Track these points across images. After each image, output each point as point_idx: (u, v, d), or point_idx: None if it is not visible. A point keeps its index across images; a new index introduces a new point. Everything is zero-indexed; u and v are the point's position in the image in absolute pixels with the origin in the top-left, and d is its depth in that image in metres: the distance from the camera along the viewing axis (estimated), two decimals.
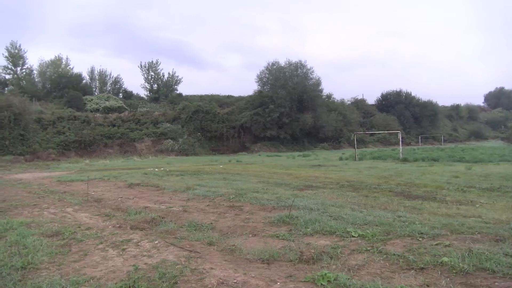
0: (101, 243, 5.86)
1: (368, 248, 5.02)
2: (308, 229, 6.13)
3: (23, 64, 51.37)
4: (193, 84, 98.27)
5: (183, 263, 4.75)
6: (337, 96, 68.32)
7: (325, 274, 4.09)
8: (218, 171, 18.68)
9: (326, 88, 56.34)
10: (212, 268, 4.54)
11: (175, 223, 7.07)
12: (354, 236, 5.64)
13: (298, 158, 31.18)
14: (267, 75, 52.17)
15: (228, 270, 4.48)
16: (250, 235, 6.14)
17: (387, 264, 4.47)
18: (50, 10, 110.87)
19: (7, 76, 50.60)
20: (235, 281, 4.14)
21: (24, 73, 51.77)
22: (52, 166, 27.91)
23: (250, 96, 52.95)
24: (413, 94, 75.12)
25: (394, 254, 4.69)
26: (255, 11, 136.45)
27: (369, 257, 4.72)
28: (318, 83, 53.30)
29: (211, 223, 7.04)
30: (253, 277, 4.27)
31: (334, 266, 4.46)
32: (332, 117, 52.87)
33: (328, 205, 8.13)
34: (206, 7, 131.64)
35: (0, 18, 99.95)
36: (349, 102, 68.58)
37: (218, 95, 60.22)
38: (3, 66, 50.08)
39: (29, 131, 35.50)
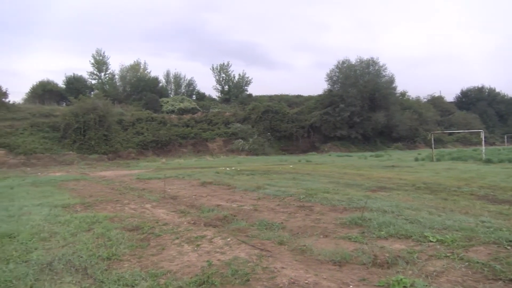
0: (177, 238, 6.13)
1: (448, 254, 4.73)
2: (382, 232, 5.92)
3: (106, 70, 55.45)
4: (262, 84, 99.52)
5: (254, 261, 4.82)
6: (412, 93, 65.14)
7: (401, 279, 3.93)
8: (288, 171, 18.69)
9: (400, 85, 54.02)
10: (283, 268, 4.56)
11: (246, 222, 7.19)
12: (432, 241, 5.35)
13: (370, 158, 30.23)
14: (337, 73, 51.21)
15: (299, 270, 4.47)
16: (321, 236, 6.07)
17: (470, 272, 4.18)
18: (130, 18, 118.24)
19: (93, 81, 54.95)
20: (307, 281, 4.12)
21: (107, 78, 55.78)
22: (132, 165, 29.75)
23: (319, 96, 52.33)
24: (497, 90, 69.48)
25: (477, 262, 4.38)
26: (324, 8, 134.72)
27: (449, 264, 4.45)
28: (391, 80, 51.30)
29: (282, 222, 7.06)
30: (325, 278, 4.21)
31: (410, 272, 4.27)
32: (407, 115, 50.58)
33: (403, 208, 7.79)
34: (275, 7, 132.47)
35: (89, 29, 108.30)
36: (425, 100, 65.14)
37: (287, 95, 60.25)
38: (90, 72, 54.47)
39: (111, 132, 38.10)
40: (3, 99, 40.04)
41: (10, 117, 37.69)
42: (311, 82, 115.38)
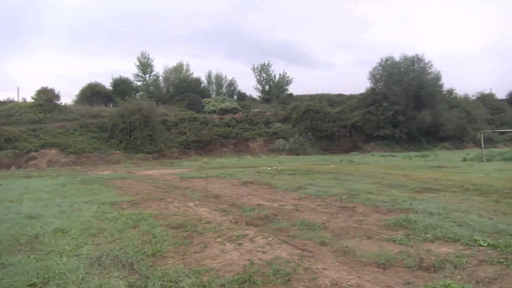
0: (219, 236, 6.22)
1: (501, 260, 4.50)
2: (428, 235, 5.72)
3: (150, 72, 56.98)
4: (303, 83, 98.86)
5: (296, 261, 4.80)
6: (460, 91, 62.33)
7: (449, 284, 3.78)
8: (329, 170, 18.46)
9: (447, 82, 51.82)
10: (325, 269, 4.51)
11: (287, 221, 7.18)
12: (483, 246, 5.10)
13: (415, 158, 29.28)
14: (380, 71, 49.94)
15: (342, 272, 4.41)
16: (364, 238, 5.96)
17: None
18: (173, 20, 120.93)
19: (138, 83, 56.69)
20: (349, 283, 4.06)
21: (152, 79, 57.31)
22: (175, 164, 30.48)
23: (362, 94, 51.25)
24: None
25: None
26: (366, 5, 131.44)
27: (502, 270, 4.23)
28: (437, 77, 49.36)
29: (323, 223, 6.99)
30: (368, 281, 4.13)
31: (459, 277, 4.10)
32: (454, 114, 48.53)
33: (451, 210, 7.49)
34: (316, 5, 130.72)
35: (134, 32, 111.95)
36: (474, 98, 62.16)
37: (328, 94, 59.44)
38: (135, 74, 56.29)
39: (156, 132, 39.16)
40: (56, 101, 42.14)
41: (62, 118, 39.64)
42: (353, 81, 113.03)
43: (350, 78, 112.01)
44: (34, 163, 30.96)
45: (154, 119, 39.57)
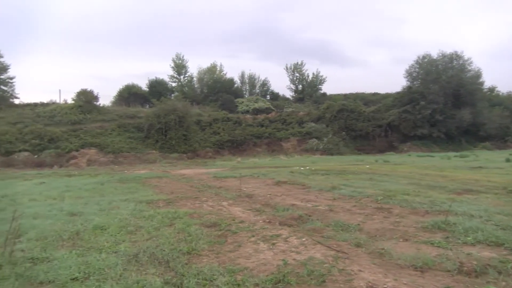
0: (253, 236, 6.24)
1: None
2: (469, 238, 5.52)
3: (185, 73, 57.85)
4: (337, 82, 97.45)
5: (330, 262, 4.76)
6: (503, 88, 59.69)
7: None
8: (364, 171, 18.14)
9: (488, 80, 49.60)
10: (360, 271, 4.45)
11: (321, 222, 7.12)
12: None
13: (454, 158, 28.30)
14: (417, 69, 48.53)
15: (377, 274, 4.33)
16: (401, 240, 5.82)
17: None
18: (206, 22, 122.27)
19: (173, 84, 57.69)
20: (385, 286, 3.98)
21: (186, 80, 58.14)
22: (209, 163, 30.82)
23: (398, 93, 49.98)
24: None
25: None
26: (401, 2, 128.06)
27: None
28: (477, 75, 47.49)
29: (358, 224, 6.88)
30: (405, 284, 4.04)
31: (503, 283, 3.93)
32: (496, 112, 46.52)
33: (493, 213, 7.20)
34: (349, 3, 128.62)
35: (169, 34, 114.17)
36: None
37: (363, 93, 58.39)
38: (170, 75, 57.36)
39: (190, 132, 39.72)
40: (95, 103, 43.57)
41: (100, 118, 40.95)
42: (388, 79, 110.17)
43: (385, 77, 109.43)
44: (74, 162, 32.12)
45: (189, 119, 40.15)
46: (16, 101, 47.09)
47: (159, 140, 37.49)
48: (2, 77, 47.57)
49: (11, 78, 48.29)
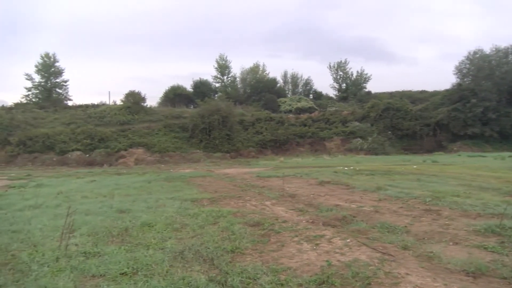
0: (296, 236, 6.22)
1: None
2: None
3: (228, 73, 58.57)
4: (382, 80, 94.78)
5: (376, 264, 4.65)
6: None
7: None
8: (411, 171, 17.58)
9: None
10: (407, 274, 4.31)
11: (366, 223, 6.98)
12: None
13: (508, 159, 26.75)
14: (467, 65, 46.35)
15: (426, 278, 4.18)
16: (451, 243, 5.59)
17: None
18: (249, 22, 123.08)
19: (217, 84, 58.55)
20: None
21: (229, 80, 58.90)
22: (252, 163, 31.02)
23: (447, 90, 47.97)
24: None
25: None
26: None
27: None
28: None
29: (405, 226, 6.68)
30: None
31: None
32: None
33: None
34: None
35: (212, 35, 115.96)
36: None
37: (409, 91, 56.50)
38: (214, 76, 58.27)
39: (233, 132, 40.15)
40: (142, 104, 45.08)
41: (148, 119, 42.31)
42: (436, 76, 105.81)
43: (433, 74, 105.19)
44: (123, 161, 33.39)
45: (232, 119, 40.59)
46: (70, 103, 49.91)
47: (203, 140, 38.18)
48: (57, 80, 50.46)
49: (65, 81, 51.21)
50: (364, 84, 58.96)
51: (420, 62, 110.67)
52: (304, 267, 4.69)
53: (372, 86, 71.29)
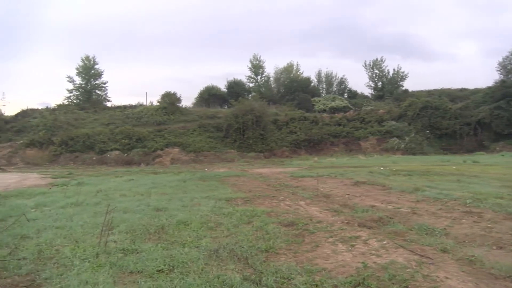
0: (331, 237, 6.15)
1: None
2: None
3: (262, 73, 58.67)
4: (420, 78, 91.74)
5: (414, 267, 4.53)
6: None
7: None
8: (451, 172, 17.01)
9: None
10: (447, 278, 4.18)
11: (403, 225, 6.81)
12: None
13: None
14: None
15: (467, 283, 4.03)
16: (494, 247, 5.36)
17: None
18: (283, 21, 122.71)
19: (251, 84, 58.79)
20: None
21: (263, 80, 59.01)
22: (285, 163, 30.95)
23: (489, 88, 46.02)
24: None
25: None
26: None
27: None
28: None
29: (444, 228, 6.47)
30: None
31: None
32: None
33: None
34: None
35: (246, 36, 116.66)
36: None
37: (449, 89, 54.71)
38: (248, 76, 58.57)
39: (267, 131, 40.24)
40: (178, 104, 45.96)
41: (183, 119, 43.11)
42: (478, 73, 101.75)
43: (474, 71, 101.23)
44: (159, 160, 34.13)
45: (266, 119, 40.68)
46: (109, 104, 51.59)
47: (237, 140, 38.48)
48: (97, 82, 52.24)
49: (105, 83, 52.95)
50: (400, 82, 57.65)
51: (460, 59, 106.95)
52: (339, 268, 4.64)
53: (409, 84, 69.75)
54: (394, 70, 57.60)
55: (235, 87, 55.24)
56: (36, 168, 30.48)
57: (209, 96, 53.91)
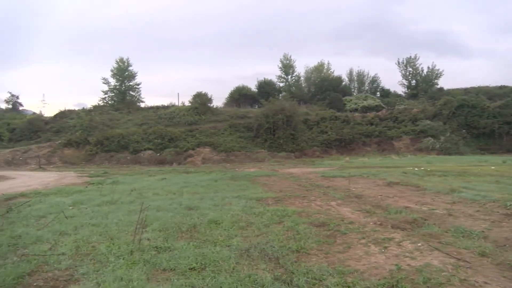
0: (363, 238, 6.06)
1: None
2: None
3: (292, 73, 58.43)
4: (456, 76, 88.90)
5: (450, 270, 4.40)
6: None
7: None
8: (489, 172, 16.40)
9: None
10: (486, 283, 4.03)
11: (439, 227, 6.62)
12: None
13: None
14: None
15: None
16: None
17: None
18: (313, 20, 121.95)
19: (281, 84, 58.67)
20: None
21: (293, 80, 58.78)
22: (316, 163, 30.71)
23: None
24: None
25: None
26: None
27: None
28: None
29: (483, 231, 6.24)
30: None
31: None
32: None
33: None
34: None
35: (277, 35, 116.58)
36: None
37: (487, 87, 52.70)
38: (278, 76, 58.46)
39: (297, 131, 40.02)
40: (209, 104, 46.46)
41: (214, 119, 43.53)
42: None
43: None
44: (191, 160, 34.62)
45: (296, 119, 40.47)
46: (142, 105, 52.77)
47: (268, 140, 38.46)
48: (130, 83, 53.56)
49: (138, 84, 54.22)
50: (435, 80, 56.00)
51: (499, 55, 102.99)
52: (372, 270, 4.56)
53: (445, 82, 67.61)
54: (428, 68, 56.11)
55: (266, 87, 55.24)
56: (73, 167, 31.61)
57: (239, 96, 54.16)
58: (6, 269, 4.78)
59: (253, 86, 57.17)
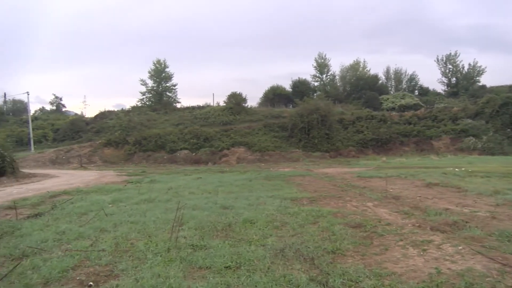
0: (401, 240, 5.91)
1: None
2: None
3: (327, 72, 57.85)
4: (499, 73, 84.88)
5: (495, 276, 4.22)
6: None
7: None
8: None
9: None
10: None
11: (481, 230, 6.36)
12: None
13: None
14: None
15: None
16: None
17: None
18: (348, 18, 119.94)
19: (316, 83, 58.25)
20: None
21: (328, 79, 58.18)
22: (352, 163, 30.25)
23: None
24: None
25: None
26: None
27: None
28: None
29: None
30: None
31: None
32: None
33: None
34: None
35: (311, 34, 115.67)
36: None
37: None
38: (313, 75, 58.05)
39: (332, 131, 39.56)
40: (243, 104, 46.76)
41: (248, 119, 43.75)
42: None
43: None
44: (225, 159, 34.96)
45: (331, 118, 40.03)
46: (178, 105, 53.91)
47: (302, 139, 38.23)
48: (167, 84, 54.77)
49: (174, 85, 55.44)
50: (477, 78, 53.92)
51: None
52: (410, 273, 4.44)
53: (487, 80, 64.88)
54: (469, 64, 54.10)
55: (300, 87, 54.98)
56: (112, 166, 32.66)
57: (274, 95, 54.16)
58: (52, 263, 5.00)
59: (287, 86, 57.20)
